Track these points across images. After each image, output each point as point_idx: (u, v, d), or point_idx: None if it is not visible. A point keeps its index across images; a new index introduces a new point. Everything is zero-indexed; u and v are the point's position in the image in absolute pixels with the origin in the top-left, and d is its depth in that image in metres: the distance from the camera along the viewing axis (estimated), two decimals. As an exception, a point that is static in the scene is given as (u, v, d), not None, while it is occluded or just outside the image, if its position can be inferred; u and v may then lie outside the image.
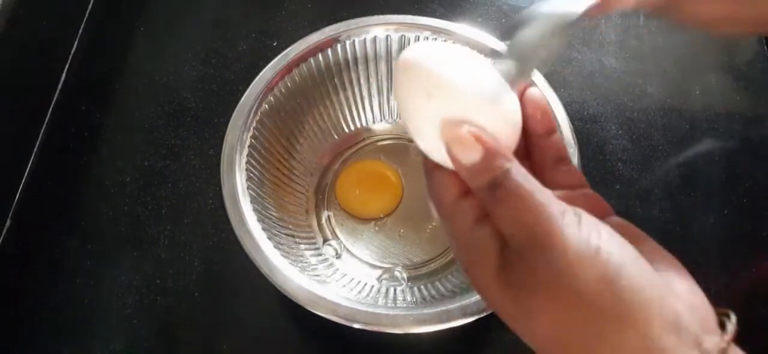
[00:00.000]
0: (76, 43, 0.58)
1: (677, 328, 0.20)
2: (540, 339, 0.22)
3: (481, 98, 0.24)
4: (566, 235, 0.20)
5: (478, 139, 0.22)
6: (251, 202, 0.40)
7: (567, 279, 0.20)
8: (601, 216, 0.23)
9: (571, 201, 0.22)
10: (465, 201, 0.23)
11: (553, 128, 0.27)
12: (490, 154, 0.22)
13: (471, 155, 0.22)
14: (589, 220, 0.21)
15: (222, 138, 0.42)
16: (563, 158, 0.26)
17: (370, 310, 0.36)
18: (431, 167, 0.25)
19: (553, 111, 0.27)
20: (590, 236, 0.20)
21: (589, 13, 0.26)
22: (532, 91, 0.26)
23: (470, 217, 0.23)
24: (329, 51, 0.47)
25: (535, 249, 0.21)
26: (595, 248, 0.20)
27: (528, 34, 0.26)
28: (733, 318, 0.21)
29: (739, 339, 0.21)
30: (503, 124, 0.25)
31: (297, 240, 0.44)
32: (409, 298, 0.42)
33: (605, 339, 0.20)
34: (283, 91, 0.46)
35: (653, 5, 0.29)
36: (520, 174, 0.22)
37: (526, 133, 0.26)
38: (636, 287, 0.20)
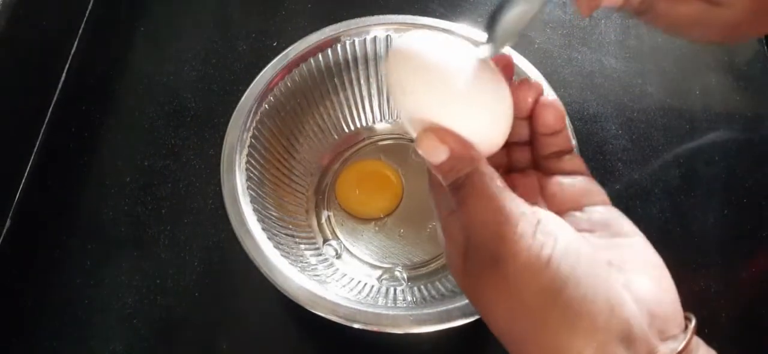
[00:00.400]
0: (76, 43, 0.58)
1: (627, 339, 0.20)
2: (494, 328, 0.23)
3: (456, 94, 0.24)
4: (517, 243, 0.21)
5: (443, 141, 0.23)
6: (251, 202, 0.40)
7: (513, 286, 0.21)
8: (594, 203, 0.24)
9: (565, 190, 0.24)
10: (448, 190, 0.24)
11: (562, 128, 0.27)
12: (454, 157, 0.23)
13: (437, 156, 0.23)
14: (547, 228, 0.21)
15: (222, 138, 0.42)
16: (566, 150, 0.27)
17: (370, 310, 0.36)
18: None
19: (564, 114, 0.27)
20: (543, 246, 0.21)
21: (581, 12, 0.26)
22: (546, 98, 0.26)
23: (450, 205, 0.24)
24: (329, 51, 0.47)
25: (487, 252, 0.21)
26: (545, 259, 0.20)
27: (508, 16, 0.26)
28: (692, 323, 0.21)
29: (739, 339, 0.21)
30: (487, 117, 0.25)
31: (297, 240, 0.44)
32: (409, 298, 0.42)
33: (548, 346, 0.20)
34: (283, 91, 0.46)
35: (631, 4, 0.29)
36: (483, 177, 0.22)
37: (533, 128, 0.27)
38: (581, 299, 0.20)
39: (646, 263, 0.23)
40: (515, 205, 0.22)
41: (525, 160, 0.28)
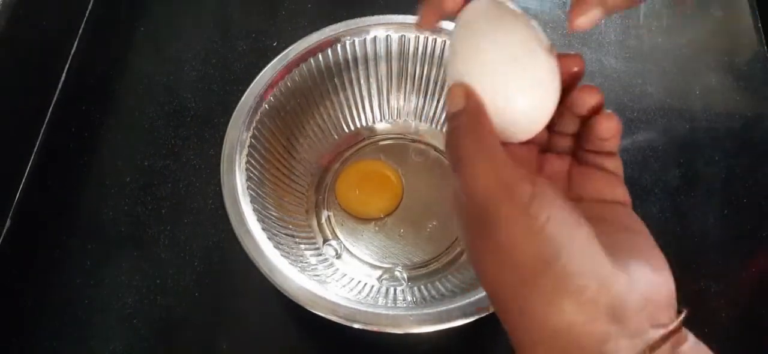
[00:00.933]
0: (76, 43, 0.58)
1: (616, 316, 0.20)
2: (483, 283, 0.23)
3: (500, 69, 0.24)
4: (513, 209, 0.21)
5: (465, 95, 0.24)
6: (251, 202, 0.40)
7: (507, 251, 0.21)
8: (615, 201, 0.25)
9: (592, 181, 0.25)
10: None
11: (599, 106, 0.26)
12: (467, 112, 0.24)
13: (455, 104, 0.24)
14: (544, 199, 0.21)
15: (222, 138, 0.42)
16: (610, 153, 0.26)
17: (370, 310, 0.36)
18: None
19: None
20: (539, 214, 0.21)
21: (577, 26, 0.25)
22: (605, 111, 0.26)
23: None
24: (329, 51, 0.47)
25: (486, 213, 0.22)
26: (539, 227, 0.21)
27: None
28: (684, 313, 0.21)
29: (739, 339, 0.21)
30: (527, 100, 0.25)
31: (297, 240, 0.44)
32: (409, 298, 0.42)
33: (536, 311, 0.20)
34: (283, 91, 0.46)
35: None
36: (491, 138, 0.23)
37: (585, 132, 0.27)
38: (574, 271, 0.20)
39: (648, 254, 0.23)
40: (516, 172, 0.22)
41: (565, 145, 0.28)
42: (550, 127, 0.27)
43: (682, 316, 0.21)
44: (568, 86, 0.26)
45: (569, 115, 0.26)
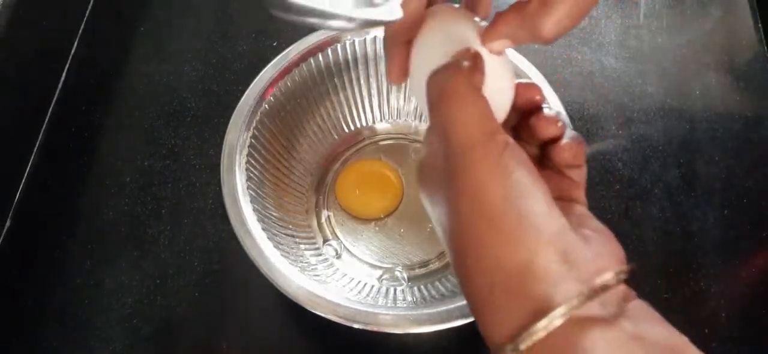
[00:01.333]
0: (76, 43, 0.58)
1: (570, 262, 0.21)
2: (445, 232, 0.24)
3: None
4: (489, 154, 0.22)
5: (473, 56, 0.25)
6: (251, 202, 0.40)
7: (475, 190, 0.22)
8: (573, 201, 0.26)
9: (551, 177, 0.25)
10: None
11: (559, 136, 0.27)
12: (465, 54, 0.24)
13: (463, 56, 0.25)
14: (515, 151, 0.23)
15: (222, 138, 0.42)
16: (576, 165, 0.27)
17: (371, 310, 0.36)
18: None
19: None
20: (509, 162, 0.22)
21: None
22: (565, 142, 0.27)
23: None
24: (329, 51, 0.47)
25: (461, 154, 0.22)
26: (508, 172, 0.22)
27: None
28: (628, 266, 0.22)
29: (739, 339, 0.21)
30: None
31: (297, 240, 0.44)
32: (409, 298, 0.42)
33: (496, 251, 0.21)
34: (283, 91, 0.46)
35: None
36: (480, 91, 0.24)
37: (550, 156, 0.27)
38: (535, 212, 0.21)
39: (601, 232, 0.24)
40: (496, 124, 0.23)
41: (531, 152, 0.28)
42: (516, 136, 0.28)
43: (631, 265, 0.22)
44: (530, 111, 0.27)
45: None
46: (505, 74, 0.26)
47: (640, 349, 0.19)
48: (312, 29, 0.47)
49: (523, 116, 0.27)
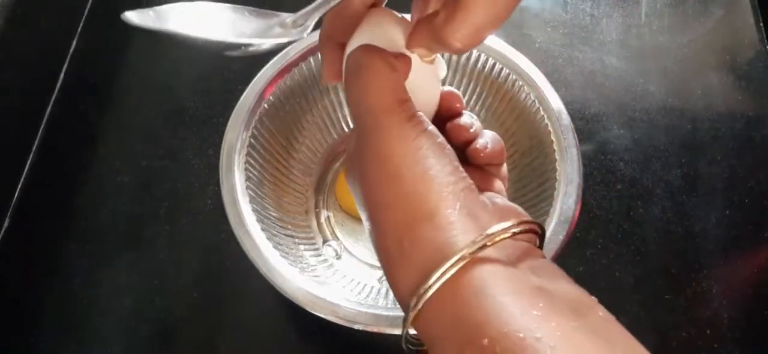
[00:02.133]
0: (75, 42, 0.58)
1: (472, 214, 0.22)
2: (361, 201, 0.25)
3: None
4: (398, 119, 0.23)
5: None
6: (250, 202, 0.40)
7: (384, 152, 0.23)
8: (493, 192, 0.27)
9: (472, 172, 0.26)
10: None
11: (472, 139, 0.28)
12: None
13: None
14: (423, 118, 0.24)
15: (221, 138, 0.42)
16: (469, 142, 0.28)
17: (371, 311, 0.36)
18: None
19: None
20: (416, 126, 0.23)
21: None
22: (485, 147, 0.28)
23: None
24: (329, 50, 0.46)
25: (374, 120, 0.24)
26: (414, 135, 0.23)
27: None
28: (530, 221, 0.23)
29: (741, 339, 0.21)
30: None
31: (296, 240, 0.43)
32: (409, 298, 0.41)
33: (404, 207, 0.22)
34: (283, 90, 0.46)
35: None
36: (393, 64, 0.25)
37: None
38: (439, 170, 0.23)
39: (511, 207, 0.25)
40: (406, 94, 0.24)
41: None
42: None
43: (533, 221, 0.23)
44: (450, 117, 0.29)
45: None
46: (430, 79, 0.28)
47: (546, 300, 0.20)
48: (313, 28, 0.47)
49: (443, 122, 0.29)
